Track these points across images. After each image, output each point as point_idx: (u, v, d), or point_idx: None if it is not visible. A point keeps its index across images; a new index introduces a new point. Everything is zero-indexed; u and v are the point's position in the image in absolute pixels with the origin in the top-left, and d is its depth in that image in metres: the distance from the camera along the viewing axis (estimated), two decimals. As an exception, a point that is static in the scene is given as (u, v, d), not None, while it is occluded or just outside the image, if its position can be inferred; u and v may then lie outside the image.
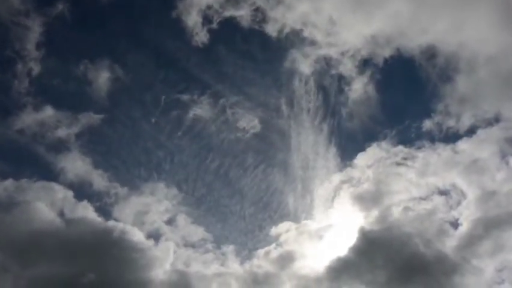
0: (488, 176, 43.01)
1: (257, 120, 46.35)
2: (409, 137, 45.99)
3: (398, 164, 44.99)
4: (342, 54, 45.61)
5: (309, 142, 46.38)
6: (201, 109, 46.27)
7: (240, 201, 46.93)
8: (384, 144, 45.78)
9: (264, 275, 41.86)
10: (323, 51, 45.57)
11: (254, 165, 47.12)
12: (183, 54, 47.01)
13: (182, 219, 45.11)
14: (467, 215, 42.29)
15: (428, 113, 45.77)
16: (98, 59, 45.55)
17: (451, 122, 44.90)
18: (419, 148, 45.31)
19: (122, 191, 44.79)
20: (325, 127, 46.36)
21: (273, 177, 46.86)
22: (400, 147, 45.41)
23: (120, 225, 42.41)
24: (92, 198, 43.76)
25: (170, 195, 45.52)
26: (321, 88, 46.18)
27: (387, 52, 45.28)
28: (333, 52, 45.47)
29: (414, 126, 46.07)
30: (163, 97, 46.70)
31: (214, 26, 45.14)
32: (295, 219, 45.41)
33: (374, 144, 45.93)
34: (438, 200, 43.63)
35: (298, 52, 45.82)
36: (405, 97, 48.10)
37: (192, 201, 46.12)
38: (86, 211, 42.95)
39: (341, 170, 46.34)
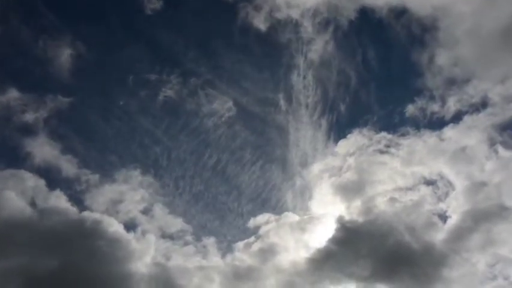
0: (477, 166, 41.01)
1: (231, 102, 43.96)
2: (392, 123, 43.86)
3: (382, 152, 42.80)
4: (302, 15, 42.95)
5: (308, 137, 44.47)
6: (172, 89, 43.60)
7: (221, 190, 44.62)
8: (365, 130, 43.48)
9: (247, 268, 40.07)
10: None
11: (232, 149, 44.91)
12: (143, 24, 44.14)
13: (159, 209, 42.65)
14: (456, 206, 40.36)
15: (411, 97, 43.59)
16: (59, 34, 42.52)
17: (435, 107, 42.69)
18: (403, 135, 43.06)
19: (94, 178, 42.14)
20: (324, 122, 44.22)
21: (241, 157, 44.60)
22: (383, 134, 43.19)
23: (96, 215, 40.34)
24: (64, 186, 41.33)
25: (146, 183, 42.98)
26: (320, 82, 44.03)
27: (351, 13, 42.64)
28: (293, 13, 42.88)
29: (397, 111, 43.81)
30: (131, 77, 43.74)
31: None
32: (275, 210, 43.37)
33: (356, 131, 43.66)
34: (425, 190, 41.54)
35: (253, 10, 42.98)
36: (382, 74, 45.59)
37: (168, 190, 43.60)
38: (59, 200, 40.48)
39: (321, 158, 44.17)
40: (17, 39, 42.14)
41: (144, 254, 39.35)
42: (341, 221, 39.97)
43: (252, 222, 42.34)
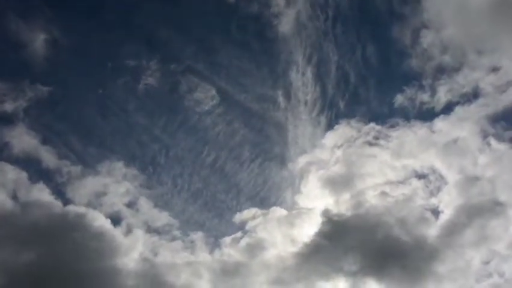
0: (470, 160, 39.39)
1: (214, 90, 42.10)
2: (381, 114, 42.30)
3: (370, 144, 41.10)
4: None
5: (307, 135, 42.99)
6: (152, 77, 41.67)
7: (207, 184, 42.82)
8: (354, 122, 41.76)
9: (235, 264, 38.72)
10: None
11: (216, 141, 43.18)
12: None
13: (144, 203, 40.95)
14: (448, 201, 38.63)
15: (399, 86, 41.78)
16: (32, 17, 40.40)
17: (425, 97, 40.97)
18: (392, 126, 41.29)
19: (76, 169, 40.45)
20: (323, 119, 42.60)
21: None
22: (372, 125, 41.46)
23: (81, 209, 38.73)
24: (47, 179, 39.62)
25: (130, 175, 41.27)
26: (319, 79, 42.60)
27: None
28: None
29: (385, 101, 42.31)
30: (109, 64, 42.08)
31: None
32: (262, 205, 41.81)
33: (344, 122, 41.94)
34: (417, 184, 39.76)
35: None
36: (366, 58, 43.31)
37: (153, 183, 41.84)
38: (42, 193, 38.89)
39: (307, 151, 42.59)
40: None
41: (131, 249, 38.11)
42: (329, 215, 38.50)
43: (239, 217, 41.03)
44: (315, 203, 40.39)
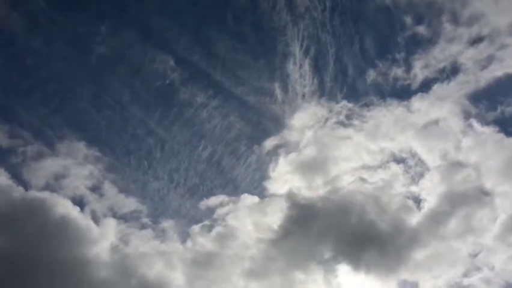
0: (452, 143, 37.08)
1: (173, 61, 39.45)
2: (353, 91, 39.75)
3: (344, 124, 38.62)
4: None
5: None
6: (103, 45, 38.17)
7: (176, 169, 40.37)
8: (324, 100, 39.32)
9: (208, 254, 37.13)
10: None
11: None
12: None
13: (108, 188, 38.74)
14: (430, 188, 36.51)
15: (371, 60, 39.27)
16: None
17: (399, 72, 38.47)
18: (366, 105, 38.70)
19: (31, 149, 37.72)
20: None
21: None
22: (344, 103, 38.95)
23: (45, 194, 36.57)
24: (6, 162, 36.94)
25: (92, 157, 38.73)
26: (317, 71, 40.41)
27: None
28: None
29: (357, 76, 39.70)
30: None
31: None
32: (232, 192, 39.78)
33: (313, 100, 39.55)
34: (395, 169, 37.59)
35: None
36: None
37: (118, 166, 39.38)
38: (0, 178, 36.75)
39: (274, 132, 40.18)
40: None
41: (99, 236, 36.39)
42: (299, 201, 36.71)
43: (205, 204, 38.83)
44: (285, 189, 38.09)
